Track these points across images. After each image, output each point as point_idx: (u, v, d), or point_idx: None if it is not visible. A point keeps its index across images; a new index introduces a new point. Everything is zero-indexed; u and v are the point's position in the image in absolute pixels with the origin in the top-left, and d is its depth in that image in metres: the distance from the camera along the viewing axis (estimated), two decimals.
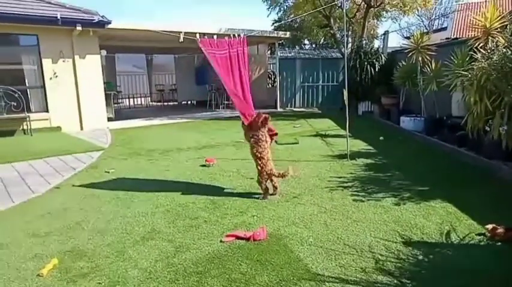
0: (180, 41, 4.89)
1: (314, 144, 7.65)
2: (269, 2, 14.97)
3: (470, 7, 16.75)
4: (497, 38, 5.64)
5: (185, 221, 3.77)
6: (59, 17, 8.81)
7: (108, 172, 5.71)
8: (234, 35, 4.70)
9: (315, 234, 3.37)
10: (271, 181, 4.39)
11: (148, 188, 4.88)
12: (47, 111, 9.60)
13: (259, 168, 4.31)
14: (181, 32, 4.80)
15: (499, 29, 5.85)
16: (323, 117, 11.91)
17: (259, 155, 4.30)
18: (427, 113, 8.43)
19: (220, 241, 3.28)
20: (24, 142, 8.36)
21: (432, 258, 2.92)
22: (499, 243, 3.10)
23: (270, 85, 17.08)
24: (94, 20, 9.34)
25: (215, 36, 4.62)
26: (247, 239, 3.28)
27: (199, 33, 4.42)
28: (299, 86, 14.93)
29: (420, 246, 3.11)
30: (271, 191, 4.40)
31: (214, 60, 4.49)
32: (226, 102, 15.01)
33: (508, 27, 5.59)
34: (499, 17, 5.94)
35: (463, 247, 3.12)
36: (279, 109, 14.55)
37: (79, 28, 9.14)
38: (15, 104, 9.00)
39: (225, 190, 4.70)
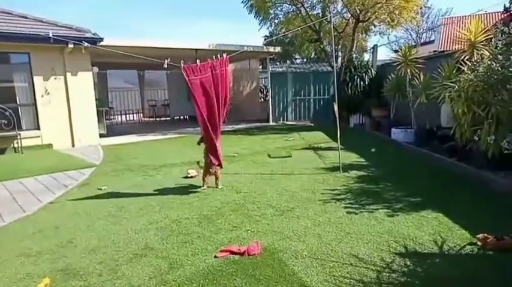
0: (164, 66, 5.06)
1: (307, 157, 7.69)
2: (260, 18, 15.17)
3: (455, 21, 17.19)
4: (482, 51, 5.80)
5: (179, 237, 3.75)
6: (51, 35, 8.85)
7: (101, 189, 5.67)
8: (217, 56, 4.83)
9: (309, 247, 3.38)
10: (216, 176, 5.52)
11: (141, 204, 4.85)
12: (38, 128, 9.54)
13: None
14: (166, 59, 4.98)
15: (483, 42, 6.02)
16: (315, 130, 12.00)
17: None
18: (417, 125, 8.55)
19: (215, 257, 3.27)
20: (15, 160, 8.28)
21: (426, 268, 2.94)
22: (490, 252, 3.14)
23: (262, 99, 17.22)
24: (86, 37, 9.39)
25: (198, 62, 4.77)
26: (242, 254, 3.27)
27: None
28: (291, 99, 15.08)
29: (414, 256, 3.13)
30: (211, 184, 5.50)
31: (195, 86, 4.75)
32: None
33: (492, 40, 5.76)
34: (483, 31, 6.12)
35: (456, 257, 3.14)
36: (271, 123, 14.65)
37: (71, 46, 9.18)
38: (5, 122, 8.94)
39: (218, 205, 4.69)
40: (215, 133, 5.16)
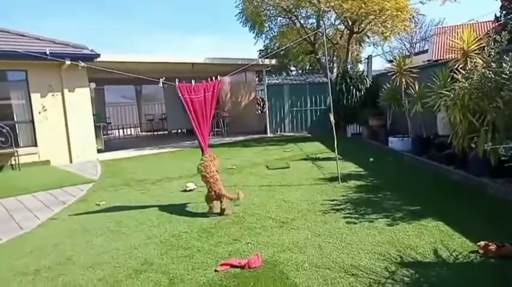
0: (159, 85, 5.22)
1: (305, 168, 7.69)
2: (255, 31, 15.35)
3: (448, 31, 17.44)
4: (475, 59, 5.87)
5: (178, 251, 3.72)
6: (47, 53, 8.89)
7: (99, 205, 5.64)
8: (211, 78, 4.99)
9: (310, 259, 3.35)
10: (220, 201, 4.76)
11: (139, 219, 4.82)
12: (36, 145, 9.52)
13: (209, 188, 4.77)
14: (161, 77, 5.17)
15: (476, 51, 6.10)
16: (313, 140, 12.02)
17: (207, 177, 4.79)
18: (414, 133, 8.59)
19: (215, 270, 3.24)
20: (12, 178, 8.24)
21: (428, 278, 2.92)
22: (492, 259, 3.12)
23: (259, 111, 17.28)
24: (83, 54, 9.45)
25: (193, 82, 4.99)
26: (242, 267, 3.24)
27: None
28: (288, 111, 15.16)
29: (415, 266, 3.11)
30: (217, 210, 4.77)
31: (189, 104, 4.94)
32: (216, 129, 15.11)
33: (485, 48, 5.84)
34: (476, 40, 6.20)
35: (457, 265, 3.12)
36: (269, 134, 14.68)
37: (68, 62, 9.22)
38: (3, 139, 8.92)
39: (217, 218, 4.66)
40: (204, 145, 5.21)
